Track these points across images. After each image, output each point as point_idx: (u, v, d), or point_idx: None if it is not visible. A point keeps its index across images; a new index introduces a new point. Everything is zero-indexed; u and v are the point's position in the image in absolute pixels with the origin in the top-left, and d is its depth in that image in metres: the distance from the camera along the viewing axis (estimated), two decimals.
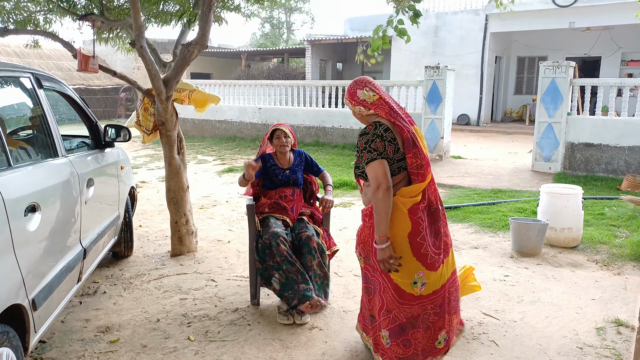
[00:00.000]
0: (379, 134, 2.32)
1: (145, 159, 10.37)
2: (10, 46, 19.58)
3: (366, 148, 2.31)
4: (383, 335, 2.44)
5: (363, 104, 2.42)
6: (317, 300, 3.12)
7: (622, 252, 4.48)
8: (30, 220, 2.19)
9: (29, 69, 2.72)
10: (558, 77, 8.06)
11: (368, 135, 2.32)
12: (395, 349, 2.41)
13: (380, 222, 2.28)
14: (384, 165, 2.29)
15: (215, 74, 23.53)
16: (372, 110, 2.40)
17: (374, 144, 2.30)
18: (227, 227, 5.47)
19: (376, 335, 2.50)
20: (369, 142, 2.31)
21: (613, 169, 7.84)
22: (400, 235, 2.33)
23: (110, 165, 3.73)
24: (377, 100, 2.40)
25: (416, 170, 2.36)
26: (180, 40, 4.66)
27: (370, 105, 2.41)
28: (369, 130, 2.34)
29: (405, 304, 2.39)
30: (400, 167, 2.37)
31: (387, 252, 2.30)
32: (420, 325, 2.42)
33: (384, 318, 2.43)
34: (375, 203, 2.28)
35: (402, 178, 2.38)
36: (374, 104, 2.40)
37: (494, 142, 12.89)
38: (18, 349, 2.02)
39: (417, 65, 16.79)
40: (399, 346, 2.40)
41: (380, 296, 2.45)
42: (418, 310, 2.41)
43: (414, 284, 2.37)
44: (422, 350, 2.44)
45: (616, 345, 2.92)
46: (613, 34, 15.51)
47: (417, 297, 2.39)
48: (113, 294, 3.63)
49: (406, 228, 2.32)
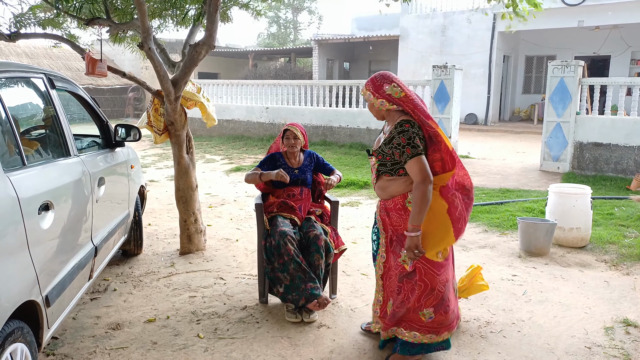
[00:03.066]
0: (416, 132, 2.48)
1: (153, 158, 10.45)
2: (20, 46, 19.78)
3: (409, 144, 2.46)
4: (425, 313, 2.61)
5: (388, 98, 2.52)
6: (324, 299, 3.15)
7: (631, 252, 4.46)
8: (43, 218, 2.22)
9: (42, 70, 2.76)
10: (567, 77, 8.02)
11: (409, 132, 2.47)
12: (439, 318, 2.61)
13: (420, 212, 2.45)
14: (425, 160, 2.47)
15: (222, 73, 23.61)
16: (396, 105, 2.52)
17: (416, 140, 2.46)
18: (235, 225, 5.50)
19: (414, 319, 2.63)
20: (411, 138, 2.46)
21: (622, 168, 7.79)
22: (440, 211, 2.52)
23: (120, 165, 3.77)
24: (404, 97, 2.51)
25: (439, 162, 2.53)
26: (189, 41, 4.69)
27: (397, 100, 2.51)
28: (407, 128, 2.47)
29: (441, 274, 2.59)
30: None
31: (416, 241, 2.47)
32: (452, 288, 2.69)
33: (426, 298, 2.60)
34: (419, 195, 2.44)
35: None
36: (402, 99, 2.51)
37: (501, 141, 12.84)
38: (32, 344, 2.06)
39: (424, 65, 16.76)
40: (441, 315, 2.61)
41: (422, 280, 2.59)
42: (448, 275, 2.65)
43: (437, 253, 2.57)
44: (457, 313, 2.72)
45: (625, 345, 2.91)
46: (622, 32, 15.39)
47: (442, 263, 2.60)
48: (123, 291, 3.67)
49: (444, 206, 2.52)
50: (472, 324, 3.15)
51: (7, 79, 2.37)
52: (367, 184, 7.53)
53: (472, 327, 3.11)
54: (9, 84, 2.39)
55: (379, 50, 20.21)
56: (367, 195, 7.02)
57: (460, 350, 2.83)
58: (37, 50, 20.74)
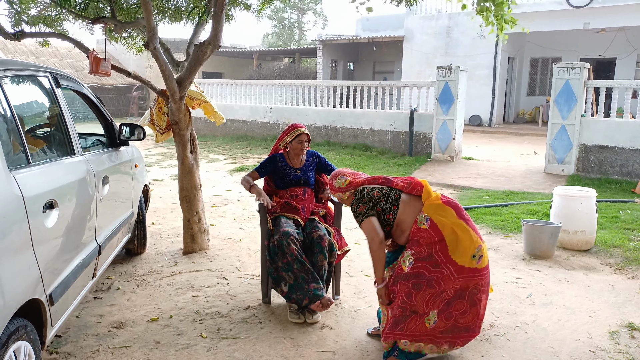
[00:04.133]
0: (360, 199, 2.78)
1: (157, 157, 10.46)
2: (26, 45, 19.86)
3: (355, 213, 2.77)
4: (430, 318, 2.61)
5: (340, 189, 2.89)
6: (327, 299, 3.14)
7: (636, 256, 4.43)
8: (48, 216, 2.23)
9: (47, 68, 2.76)
10: (572, 79, 7.98)
11: (353, 205, 2.81)
12: (440, 324, 2.62)
13: (375, 267, 2.74)
14: (372, 221, 2.71)
15: (226, 73, 23.64)
16: (349, 191, 2.87)
17: (358, 208, 2.76)
18: (239, 225, 5.50)
19: (417, 326, 2.63)
20: (354, 208, 2.78)
21: (628, 171, 7.75)
22: (453, 218, 2.63)
23: (124, 164, 3.77)
24: (348, 183, 2.87)
25: (405, 185, 2.80)
26: (193, 40, 4.70)
27: (346, 188, 2.87)
28: (352, 201, 2.82)
29: (461, 277, 2.60)
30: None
31: (380, 292, 2.76)
32: (467, 297, 2.62)
33: (433, 301, 2.62)
34: (370, 251, 2.73)
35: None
36: (348, 185, 2.87)
37: (506, 143, 12.80)
38: (35, 342, 2.06)
39: (429, 66, 16.72)
40: (442, 321, 2.62)
41: (438, 283, 2.61)
42: (471, 282, 2.62)
43: (473, 257, 2.60)
44: (464, 325, 2.65)
45: (630, 349, 2.89)
46: (628, 34, 15.31)
47: (475, 269, 2.61)
48: (126, 290, 3.67)
49: (452, 212, 2.65)
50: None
51: (14, 77, 2.37)
52: None
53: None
54: (15, 82, 2.40)
55: (383, 51, 20.18)
56: None
57: (464, 353, 2.81)
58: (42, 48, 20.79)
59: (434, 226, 2.62)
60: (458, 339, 2.67)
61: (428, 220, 2.64)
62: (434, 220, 2.63)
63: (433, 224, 2.62)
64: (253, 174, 3.60)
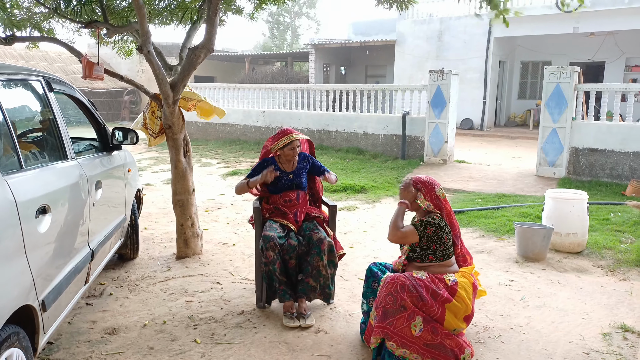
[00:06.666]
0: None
1: (149, 162, 10.41)
2: (16, 49, 19.69)
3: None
4: (416, 324, 2.64)
5: (434, 200, 2.90)
6: (290, 305, 3.26)
7: (627, 258, 4.47)
8: (40, 222, 2.20)
9: (40, 72, 2.74)
10: (563, 82, 8.06)
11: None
12: (425, 334, 2.64)
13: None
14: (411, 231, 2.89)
15: (219, 77, 23.58)
16: (426, 207, 2.90)
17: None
18: (232, 230, 5.48)
19: (404, 327, 2.65)
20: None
21: (617, 174, 7.83)
22: (469, 284, 2.82)
23: (117, 168, 3.75)
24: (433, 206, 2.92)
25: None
26: (186, 44, 4.69)
27: (427, 204, 2.90)
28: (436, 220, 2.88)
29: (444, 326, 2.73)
30: None
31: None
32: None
33: (422, 307, 2.67)
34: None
35: None
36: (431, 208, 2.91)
37: (497, 146, 12.88)
38: (27, 349, 2.04)
39: (421, 70, 16.79)
40: (427, 332, 2.64)
41: (431, 300, 2.71)
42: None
43: (454, 331, 2.74)
44: (451, 348, 2.66)
45: (622, 351, 2.92)
46: (617, 39, 15.51)
47: (452, 335, 2.72)
48: (119, 296, 3.64)
49: (470, 281, 2.86)
50: (470, 330, 3.14)
51: (6, 81, 2.35)
52: (364, 188, 7.53)
53: (470, 333, 3.10)
54: (7, 86, 2.38)
55: (375, 55, 20.25)
56: (364, 199, 7.02)
57: None
58: (32, 52, 20.63)
59: (454, 286, 2.73)
60: (443, 359, 2.64)
61: (454, 281, 2.75)
62: (459, 285, 2.74)
63: (453, 287, 2.72)
64: (245, 180, 3.60)
